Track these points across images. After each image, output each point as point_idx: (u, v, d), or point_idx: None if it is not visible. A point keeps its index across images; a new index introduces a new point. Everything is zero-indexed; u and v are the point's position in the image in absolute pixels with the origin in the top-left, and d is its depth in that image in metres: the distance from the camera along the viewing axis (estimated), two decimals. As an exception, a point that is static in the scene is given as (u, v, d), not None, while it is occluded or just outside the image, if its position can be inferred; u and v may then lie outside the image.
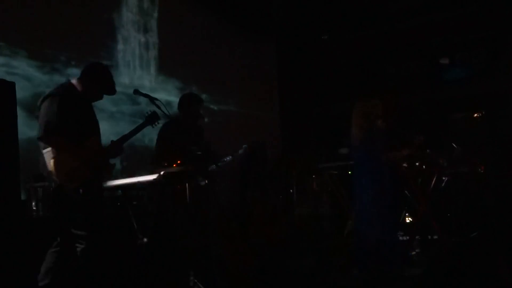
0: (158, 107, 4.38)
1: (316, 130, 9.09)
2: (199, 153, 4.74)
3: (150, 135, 5.87)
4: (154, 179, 4.36)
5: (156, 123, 4.11)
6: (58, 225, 3.65)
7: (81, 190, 3.49)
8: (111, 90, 4.00)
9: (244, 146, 5.35)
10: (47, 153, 3.57)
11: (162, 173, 4.37)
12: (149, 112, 4.08)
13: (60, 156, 3.52)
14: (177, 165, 4.47)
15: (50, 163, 3.51)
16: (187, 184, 4.53)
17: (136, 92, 4.47)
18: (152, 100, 4.40)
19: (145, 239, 4.44)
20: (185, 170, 4.45)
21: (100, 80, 3.86)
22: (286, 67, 9.06)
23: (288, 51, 9.04)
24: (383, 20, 8.78)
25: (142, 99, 5.27)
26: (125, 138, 3.93)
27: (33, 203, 4.43)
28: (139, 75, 6.26)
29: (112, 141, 3.89)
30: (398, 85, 8.89)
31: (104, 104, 5.39)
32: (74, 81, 3.82)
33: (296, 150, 6.84)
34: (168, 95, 6.50)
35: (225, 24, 7.89)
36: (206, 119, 4.90)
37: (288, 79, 9.04)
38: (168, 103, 5.82)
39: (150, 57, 6.51)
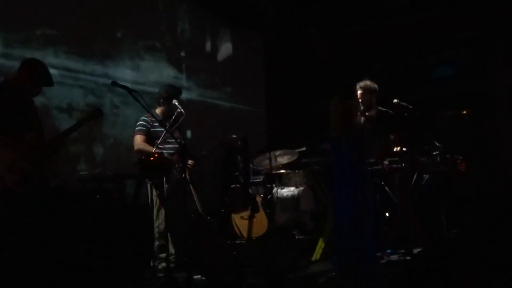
0: (136, 99, 4.33)
1: (302, 125, 9.05)
2: (177, 146, 4.71)
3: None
4: (131, 172, 4.33)
5: (99, 119, 4.14)
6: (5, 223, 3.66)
7: (22, 182, 3.56)
8: (48, 82, 4.04)
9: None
10: None
11: (139, 166, 4.33)
12: (93, 108, 4.12)
13: None
14: (155, 158, 4.42)
15: None
16: (164, 177, 4.50)
17: (114, 83, 4.42)
18: (130, 92, 4.36)
19: (122, 233, 4.40)
20: (162, 163, 4.41)
21: (36, 73, 3.91)
22: (273, 62, 9.01)
23: (275, 46, 8.99)
24: (371, 17, 8.75)
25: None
26: (65, 133, 4.01)
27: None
28: (128, 68, 6.19)
29: (52, 135, 3.95)
30: (385, 82, 8.87)
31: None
32: (10, 78, 3.91)
33: (280, 145, 6.79)
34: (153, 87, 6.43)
35: (212, 17, 7.83)
36: (182, 110, 4.84)
37: (274, 74, 9.00)
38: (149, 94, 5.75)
39: (140, 50, 6.44)
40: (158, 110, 5.09)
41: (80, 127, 4.09)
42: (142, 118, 5.01)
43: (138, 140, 4.95)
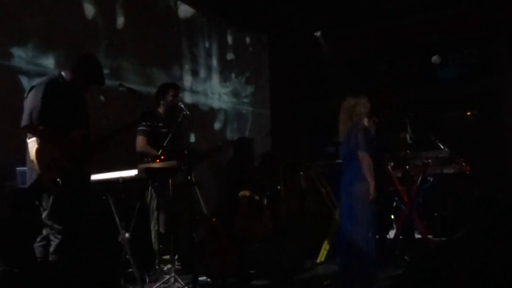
0: (141, 100, 4.36)
1: (306, 127, 9.06)
2: (183, 147, 4.73)
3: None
4: (136, 174, 4.34)
5: (148, 121, 4.07)
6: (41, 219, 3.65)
7: (59, 181, 3.47)
8: (99, 80, 3.98)
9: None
10: (31, 143, 3.58)
11: (144, 168, 4.35)
12: (143, 110, 4.07)
13: (42, 145, 3.52)
14: (160, 160, 4.44)
15: (32, 152, 3.52)
16: (169, 179, 4.53)
17: (121, 85, 4.46)
18: (136, 93, 4.39)
19: (127, 234, 4.41)
20: (168, 166, 4.43)
21: (87, 70, 3.85)
22: (277, 63, 9.02)
23: (280, 47, 8.99)
24: (376, 17, 8.74)
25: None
26: (112, 134, 3.93)
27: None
28: (133, 72, 6.21)
29: (98, 135, 3.88)
30: (390, 83, 8.86)
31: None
32: (63, 72, 3.83)
33: (286, 147, 6.82)
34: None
35: (217, 18, 7.85)
36: (188, 112, 4.82)
37: (279, 76, 9.00)
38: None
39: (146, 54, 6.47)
40: (160, 110, 5.09)
41: (129, 129, 4.04)
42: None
43: (141, 142, 4.89)
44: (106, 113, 5.57)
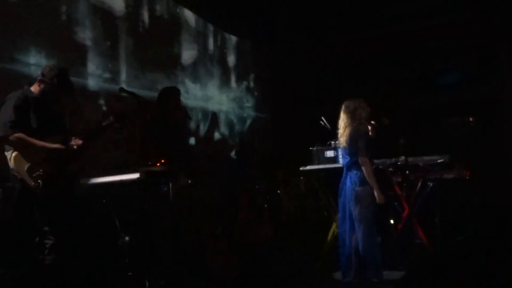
0: (142, 105, 4.38)
1: (307, 132, 9.07)
2: (184, 151, 4.74)
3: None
4: (137, 177, 4.35)
5: (123, 123, 4.11)
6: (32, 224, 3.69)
7: (40, 182, 3.54)
8: (68, 90, 4.01)
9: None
10: (8, 155, 3.66)
11: (145, 171, 4.36)
12: (117, 112, 4.10)
13: (21, 152, 3.61)
14: (161, 164, 4.45)
15: (11, 160, 3.61)
16: (170, 183, 4.54)
17: (122, 90, 4.48)
18: (137, 97, 4.40)
19: (126, 238, 4.42)
20: (168, 170, 4.44)
21: (55, 81, 3.87)
22: (279, 68, 9.05)
23: (282, 52, 9.03)
24: (378, 23, 8.78)
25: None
26: (89, 136, 3.97)
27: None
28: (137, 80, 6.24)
29: (75, 138, 3.92)
30: (391, 89, 8.90)
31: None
32: (31, 86, 3.91)
33: (286, 151, 6.83)
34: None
35: (219, 24, 7.89)
36: (189, 116, 4.82)
37: (280, 80, 9.03)
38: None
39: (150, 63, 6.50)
40: (161, 114, 5.07)
41: (104, 131, 4.05)
42: (147, 122, 5.00)
43: (142, 145, 4.90)
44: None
